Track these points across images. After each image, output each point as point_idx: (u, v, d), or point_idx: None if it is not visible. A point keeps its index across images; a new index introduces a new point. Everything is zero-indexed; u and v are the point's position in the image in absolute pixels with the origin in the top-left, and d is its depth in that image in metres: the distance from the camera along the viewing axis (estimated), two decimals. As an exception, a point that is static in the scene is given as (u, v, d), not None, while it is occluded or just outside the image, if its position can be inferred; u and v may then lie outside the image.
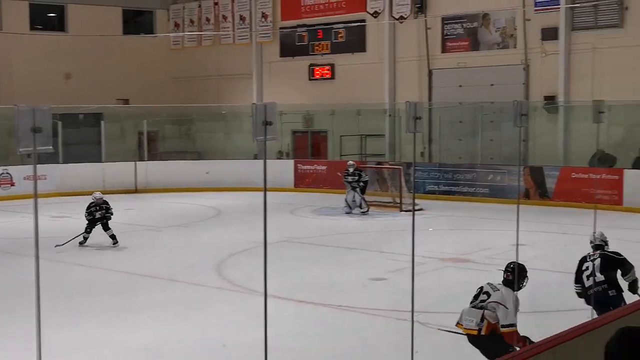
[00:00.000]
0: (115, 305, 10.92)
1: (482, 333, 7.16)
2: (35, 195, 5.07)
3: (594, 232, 8.58)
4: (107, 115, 28.28)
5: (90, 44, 28.84)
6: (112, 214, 15.51)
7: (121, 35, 30.43)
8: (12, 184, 24.26)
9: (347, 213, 19.89)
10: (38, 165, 5.13)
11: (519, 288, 7.34)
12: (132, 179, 25.45)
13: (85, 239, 15.32)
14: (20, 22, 28.27)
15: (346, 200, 20.06)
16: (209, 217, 20.02)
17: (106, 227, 15.46)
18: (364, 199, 19.92)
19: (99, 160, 26.64)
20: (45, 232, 11.09)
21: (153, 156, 28.16)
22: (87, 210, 15.42)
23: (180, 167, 26.51)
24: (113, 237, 15.42)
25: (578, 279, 8.48)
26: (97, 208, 15.37)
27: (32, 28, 28.91)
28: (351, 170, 20.22)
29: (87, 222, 15.37)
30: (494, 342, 7.04)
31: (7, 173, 24.52)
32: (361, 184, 19.85)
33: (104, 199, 15.60)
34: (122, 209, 21.00)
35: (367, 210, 19.86)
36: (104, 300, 11.25)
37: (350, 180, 19.91)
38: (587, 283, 8.26)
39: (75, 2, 29.46)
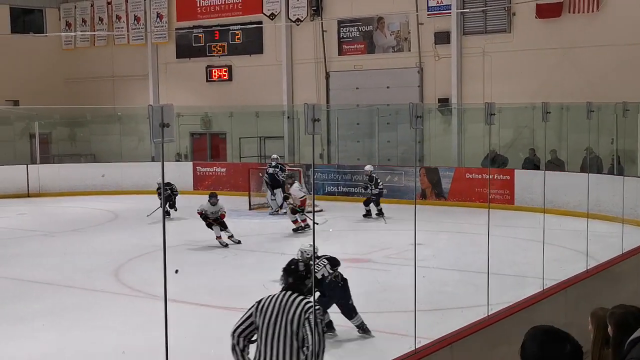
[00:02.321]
0: (5, 314, 10.54)
1: None
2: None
3: None
4: (-4, 117, 27.29)
5: (-24, 43, 27.76)
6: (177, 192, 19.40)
7: (9, 34, 29.40)
8: None
9: (270, 214, 20.17)
10: None
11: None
12: (24, 183, 24.61)
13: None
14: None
15: (268, 200, 20.32)
16: (105, 222, 19.58)
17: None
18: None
19: (-13, 164, 25.66)
20: None
21: (45, 159, 27.30)
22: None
23: (75, 170, 25.81)
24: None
25: None
26: (166, 189, 17.77)
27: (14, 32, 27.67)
28: (274, 163, 20.47)
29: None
30: None
31: None
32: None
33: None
34: (13, 214, 20.36)
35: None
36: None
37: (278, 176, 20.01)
38: None
39: (-41, -1, 28.35)
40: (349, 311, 9.32)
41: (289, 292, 5.25)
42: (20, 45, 29.44)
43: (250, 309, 5.30)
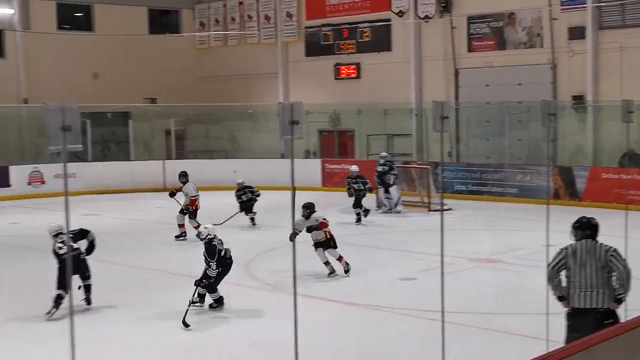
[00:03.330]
0: (147, 301, 10.97)
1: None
2: (66, 193, 5.09)
3: None
4: (135, 114, 28.48)
5: (116, 44, 29.02)
6: (258, 195, 18.09)
7: (147, 35, 30.59)
8: (43, 182, 24.53)
9: (384, 212, 20.07)
10: (67, 164, 5.15)
11: None
12: (160, 178, 25.54)
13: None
14: (47, 22, 28.50)
15: (380, 200, 20.19)
16: (236, 216, 20.01)
17: (250, 210, 17.98)
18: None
19: (127, 159, 26.83)
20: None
21: (180, 155, 28.32)
22: (235, 194, 18.07)
23: (207, 166, 26.59)
24: (252, 219, 17.92)
25: None
26: (244, 192, 17.76)
27: (60, 27, 29.12)
28: (382, 161, 20.25)
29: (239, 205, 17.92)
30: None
31: (38, 171, 24.83)
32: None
33: (246, 183, 18.06)
34: (151, 207, 21.19)
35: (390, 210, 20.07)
36: (147, 298, 11.29)
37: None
38: None
39: (101, 1, 29.66)
40: None
41: (588, 240, 7.24)
42: (158, 45, 30.59)
43: (560, 253, 7.27)
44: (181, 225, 16.39)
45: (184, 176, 16.78)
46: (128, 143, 27.69)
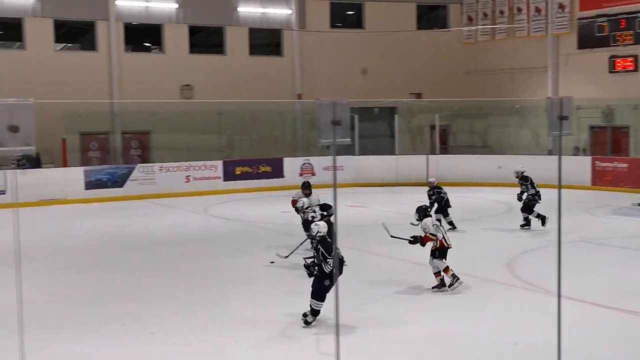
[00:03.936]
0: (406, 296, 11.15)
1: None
2: (335, 185, 5.30)
3: None
4: (401, 109, 29.00)
5: (385, 40, 29.69)
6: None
7: (415, 30, 30.95)
8: (313, 174, 25.78)
9: None
10: (336, 157, 5.38)
11: None
12: (423, 172, 25.79)
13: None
14: (321, 21, 29.83)
15: None
16: (499, 213, 19.73)
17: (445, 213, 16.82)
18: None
19: (392, 153, 27.43)
20: (344, 220, 11.55)
21: (444, 150, 28.43)
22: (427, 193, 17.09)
23: (471, 161, 26.43)
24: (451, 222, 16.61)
25: None
26: (433, 192, 16.96)
27: (332, 26, 30.35)
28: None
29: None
30: None
31: (309, 163, 26.22)
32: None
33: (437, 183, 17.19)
34: (413, 201, 21.44)
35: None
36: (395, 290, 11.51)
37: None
38: None
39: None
40: None
41: None
42: (424, 41, 30.86)
43: None
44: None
45: (307, 187, 14.91)
46: (393, 137, 28.26)
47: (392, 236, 11.60)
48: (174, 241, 16.19)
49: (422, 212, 11.74)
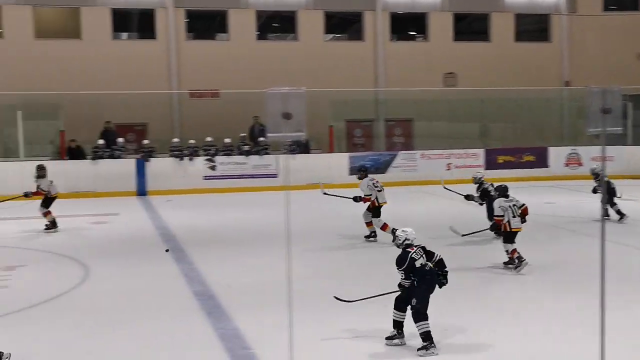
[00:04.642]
0: None
1: None
2: (603, 176, 5.06)
3: None
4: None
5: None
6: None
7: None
8: (580, 164, 24.76)
9: None
10: (606, 147, 5.15)
11: None
12: None
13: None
14: (593, 4, 28.52)
15: None
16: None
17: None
18: None
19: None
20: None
21: None
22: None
23: None
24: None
25: None
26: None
27: (605, 9, 28.85)
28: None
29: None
30: None
31: (576, 153, 25.24)
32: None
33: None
34: None
35: None
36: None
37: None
38: None
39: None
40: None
41: None
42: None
43: None
44: (369, 224, 14.81)
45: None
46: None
47: (463, 235, 12.55)
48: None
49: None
